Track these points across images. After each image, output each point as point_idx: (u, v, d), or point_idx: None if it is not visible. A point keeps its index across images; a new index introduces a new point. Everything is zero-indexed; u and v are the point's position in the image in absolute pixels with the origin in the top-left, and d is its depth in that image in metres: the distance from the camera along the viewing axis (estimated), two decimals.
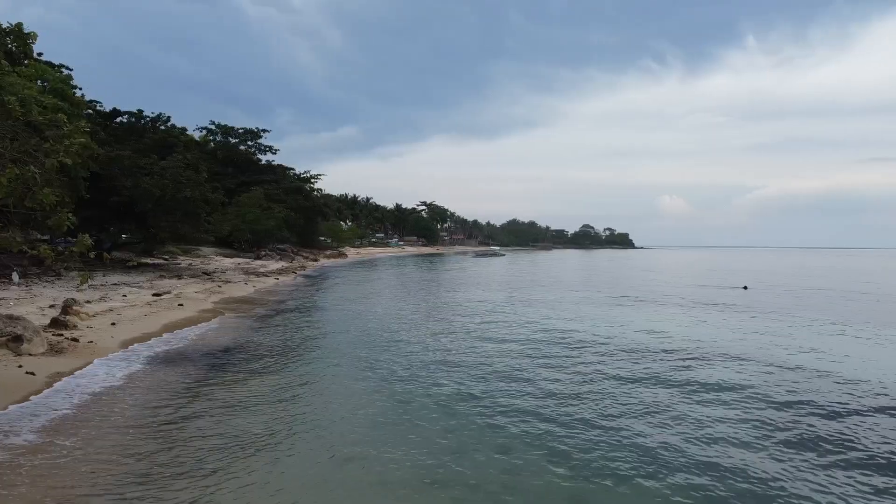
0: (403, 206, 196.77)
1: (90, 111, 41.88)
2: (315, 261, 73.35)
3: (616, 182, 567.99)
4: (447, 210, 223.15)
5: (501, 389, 11.86)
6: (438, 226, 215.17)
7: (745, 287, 40.34)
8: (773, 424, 9.79)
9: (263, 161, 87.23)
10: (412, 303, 29.24)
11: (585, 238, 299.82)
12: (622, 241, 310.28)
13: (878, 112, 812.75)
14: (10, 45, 33.32)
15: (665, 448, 8.61)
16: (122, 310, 19.68)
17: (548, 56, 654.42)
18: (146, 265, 38.35)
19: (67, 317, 16.21)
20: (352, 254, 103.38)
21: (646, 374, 13.37)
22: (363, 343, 17.24)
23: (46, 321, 15.46)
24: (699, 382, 12.58)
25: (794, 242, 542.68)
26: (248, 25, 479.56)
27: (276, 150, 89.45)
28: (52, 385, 10.84)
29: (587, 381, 12.60)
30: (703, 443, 8.86)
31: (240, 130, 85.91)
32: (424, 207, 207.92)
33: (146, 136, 47.26)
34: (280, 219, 65.92)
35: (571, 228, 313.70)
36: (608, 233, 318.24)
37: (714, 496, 7.11)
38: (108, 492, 6.83)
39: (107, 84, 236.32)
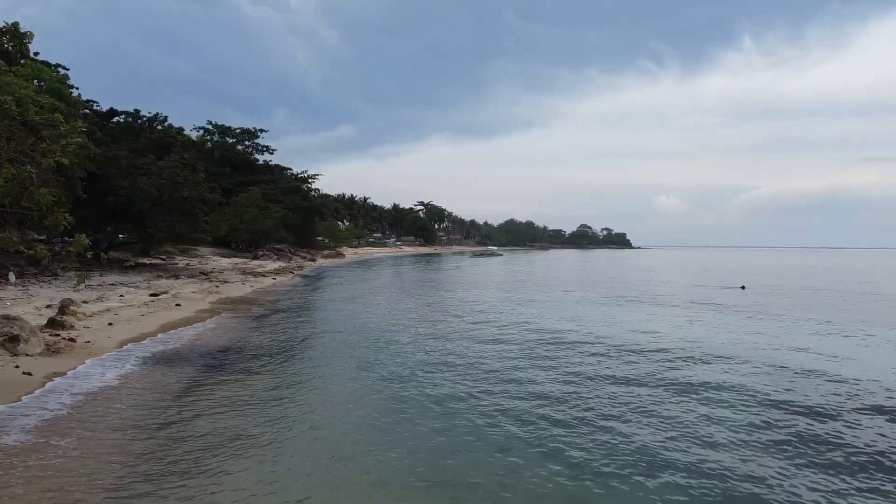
0: (401, 206, 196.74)
1: (87, 111, 41.83)
2: (312, 261, 73.30)
3: (613, 182, 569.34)
4: (445, 210, 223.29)
5: (498, 389, 11.87)
6: (436, 226, 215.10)
7: (743, 287, 40.44)
8: (771, 425, 9.81)
9: (261, 161, 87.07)
10: (409, 302, 29.24)
11: (583, 238, 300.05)
12: (619, 241, 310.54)
13: (875, 112, 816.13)
14: (7, 45, 33.34)
15: (663, 448, 8.62)
16: (120, 310, 19.64)
17: (545, 56, 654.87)
18: (143, 265, 38.28)
19: (64, 317, 16.16)
20: (349, 254, 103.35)
21: (643, 375, 13.39)
22: (361, 343, 17.24)
23: (43, 321, 15.42)
24: (697, 383, 12.61)
25: (791, 242, 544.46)
26: (246, 25, 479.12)
27: (274, 150, 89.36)
28: (49, 385, 10.80)
29: (584, 381, 12.61)
30: (701, 443, 8.88)
31: (237, 130, 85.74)
32: (422, 207, 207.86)
33: (143, 136, 47.16)
34: (277, 219, 65.82)
35: (569, 228, 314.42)
36: (605, 233, 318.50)
37: (712, 496, 7.11)
38: (105, 492, 6.81)
39: (103, 84, 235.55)
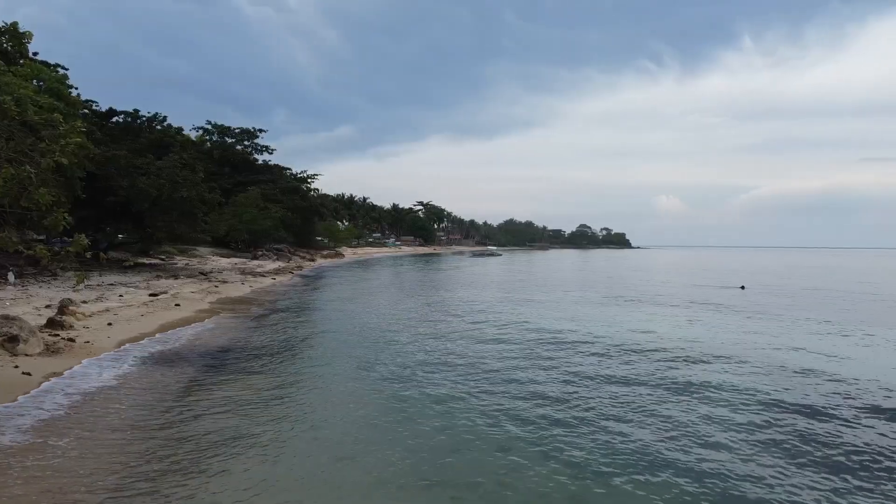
0: (400, 206, 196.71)
1: (86, 111, 41.78)
2: (312, 261, 73.29)
3: (613, 182, 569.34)
4: (444, 210, 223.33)
5: (498, 389, 11.87)
6: (435, 226, 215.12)
7: (743, 287, 40.45)
8: (771, 425, 9.81)
9: (260, 161, 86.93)
10: (408, 302, 29.23)
11: (582, 238, 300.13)
12: (619, 241, 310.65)
13: (875, 112, 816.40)
14: (6, 45, 33.33)
15: (663, 448, 8.62)
16: (119, 310, 19.63)
17: (545, 56, 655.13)
18: (143, 265, 38.26)
19: (64, 317, 16.15)
20: (349, 254, 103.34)
21: (643, 375, 13.38)
22: (360, 342, 17.23)
23: (42, 321, 15.40)
24: (697, 383, 12.61)
25: (791, 242, 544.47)
26: (246, 25, 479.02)
27: (273, 150, 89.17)
28: (48, 385, 10.80)
29: (584, 381, 12.61)
30: (701, 443, 8.87)
31: (236, 130, 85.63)
32: (421, 207, 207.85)
33: (142, 136, 47.12)
34: (277, 219, 65.78)
35: (568, 228, 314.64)
36: (605, 233, 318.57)
37: (712, 496, 7.11)
38: (104, 492, 6.80)
39: (103, 84, 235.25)
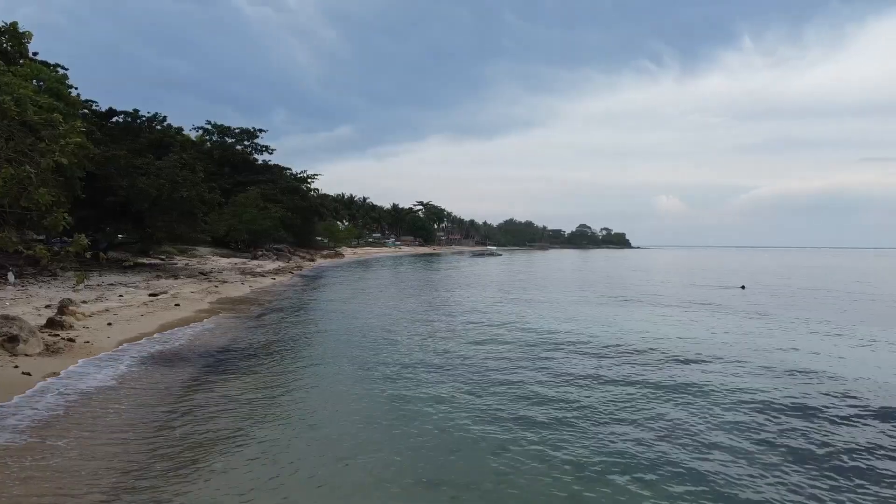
0: (400, 206, 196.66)
1: (86, 111, 41.74)
2: (312, 261, 73.29)
3: (613, 182, 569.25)
4: (444, 210, 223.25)
5: (498, 389, 11.87)
6: (435, 226, 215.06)
7: (743, 287, 40.46)
8: (771, 426, 9.82)
9: (260, 161, 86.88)
10: (408, 302, 29.23)
11: (582, 238, 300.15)
12: (619, 241, 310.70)
13: (874, 112, 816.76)
14: (6, 45, 33.31)
15: (662, 449, 8.62)
16: (119, 310, 19.63)
17: (545, 56, 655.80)
18: (143, 265, 38.26)
19: (63, 317, 16.14)
20: (349, 254, 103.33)
21: (643, 376, 13.38)
22: (360, 343, 17.23)
23: (42, 321, 15.40)
24: (697, 384, 12.61)
25: (790, 242, 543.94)
26: (245, 25, 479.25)
27: (273, 150, 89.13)
28: (48, 385, 10.80)
29: (584, 382, 12.60)
30: (700, 444, 8.88)
31: (236, 130, 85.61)
32: (421, 207, 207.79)
33: (142, 136, 47.11)
34: (277, 219, 65.76)
35: (568, 228, 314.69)
36: (605, 232, 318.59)
37: (712, 496, 7.11)
38: (103, 493, 6.80)
39: (102, 84, 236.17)
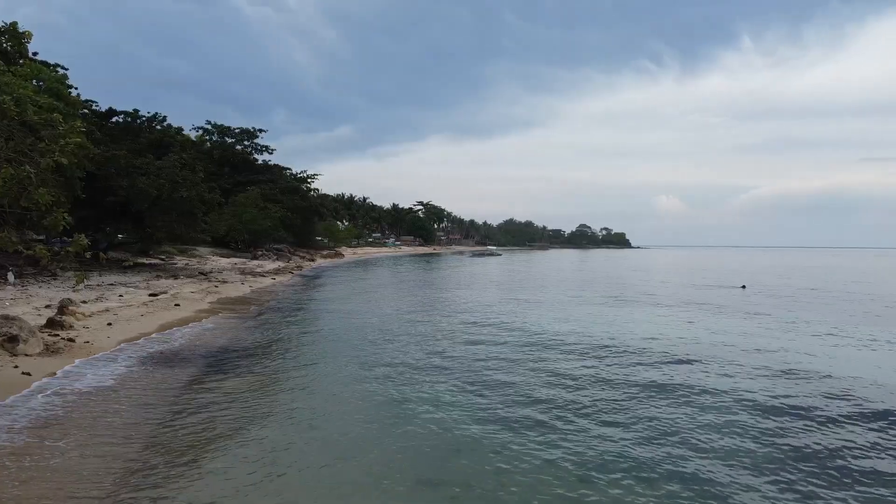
0: (400, 206, 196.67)
1: (86, 111, 41.73)
2: (312, 261, 73.28)
3: (613, 182, 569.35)
4: (444, 210, 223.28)
5: (497, 389, 11.86)
6: (435, 226, 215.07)
7: (744, 286, 40.48)
8: (770, 428, 9.82)
9: (260, 161, 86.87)
10: (408, 302, 29.23)
11: (582, 238, 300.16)
12: (619, 241, 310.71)
13: (874, 112, 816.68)
14: (6, 45, 33.30)
15: (662, 449, 8.62)
16: (119, 310, 19.62)
17: (545, 56, 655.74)
18: (142, 265, 38.26)
19: (63, 317, 16.14)
20: (348, 254, 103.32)
21: (644, 377, 13.37)
22: (359, 343, 17.22)
23: (42, 321, 15.40)
24: (698, 385, 12.60)
25: (790, 242, 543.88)
26: (245, 25, 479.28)
27: (273, 150, 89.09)
28: (47, 385, 10.79)
29: (584, 383, 12.60)
30: (699, 445, 8.88)
31: (236, 130, 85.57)
32: (421, 207, 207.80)
33: (142, 136, 47.11)
34: (277, 219, 65.77)
35: (568, 228, 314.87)
36: (605, 232, 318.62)
37: (712, 496, 7.10)
38: (102, 493, 6.80)
39: (102, 84, 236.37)
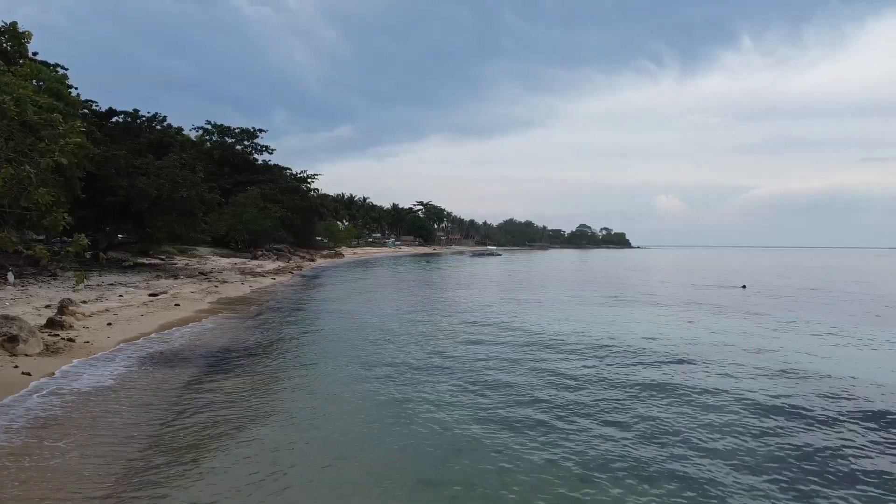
0: (400, 206, 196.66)
1: (86, 111, 41.73)
2: (312, 261, 73.28)
3: (613, 182, 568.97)
4: (444, 210, 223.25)
5: (497, 389, 11.85)
6: (435, 225, 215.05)
7: (744, 286, 40.48)
8: (771, 429, 9.82)
9: (260, 161, 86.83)
10: (408, 302, 29.22)
11: (582, 238, 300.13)
12: (619, 241, 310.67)
13: (874, 112, 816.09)
14: (5, 45, 33.30)
15: (662, 450, 8.62)
16: (119, 310, 19.62)
17: (545, 56, 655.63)
18: (142, 265, 38.25)
19: (63, 317, 16.14)
20: (348, 254, 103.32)
21: (644, 377, 13.36)
22: (359, 343, 17.21)
23: (42, 321, 15.39)
24: (698, 386, 12.59)
25: (790, 242, 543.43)
26: (245, 25, 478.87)
27: (273, 150, 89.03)
28: (47, 385, 10.78)
29: (582, 383, 12.59)
30: (700, 445, 8.88)
31: (236, 130, 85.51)
32: (421, 207, 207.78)
33: (142, 136, 47.11)
34: (277, 219, 65.76)
35: (568, 228, 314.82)
36: (605, 232, 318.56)
37: (710, 498, 7.10)
38: (102, 493, 6.79)
39: (102, 84, 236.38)
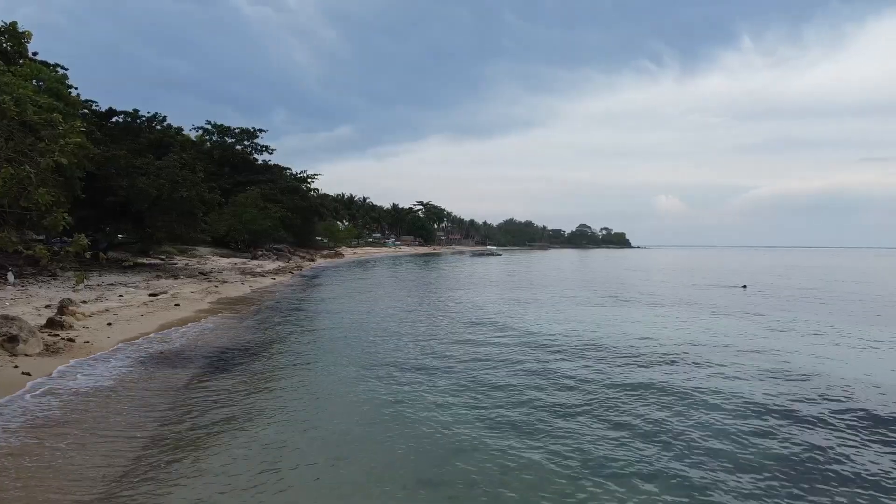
0: (400, 206, 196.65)
1: (86, 111, 41.73)
2: (312, 261, 73.28)
3: (613, 182, 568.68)
4: (444, 210, 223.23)
5: (497, 389, 11.85)
6: (435, 225, 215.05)
7: (745, 286, 40.48)
8: (770, 431, 9.81)
9: (260, 161, 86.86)
10: (407, 302, 29.22)
11: (582, 238, 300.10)
12: (619, 241, 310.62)
13: (874, 112, 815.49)
14: (5, 45, 33.30)
15: (662, 451, 8.62)
16: (119, 310, 19.62)
17: (545, 56, 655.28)
18: (142, 265, 38.25)
19: (63, 317, 16.14)
20: (348, 254, 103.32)
21: (643, 377, 13.35)
22: (360, 343, 17.21)
23: (42, 321, 15.39)
24: (699, 387, 12.57)
25: (790, 242, 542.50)
26: (245, 25, 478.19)
27: (273, 150, 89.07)
28: (46, 384, 10.78)
29: (582, 384, 12.58)
30: (699, 445, 8.88)
31: (236, 130, 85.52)
32: (421, 207, 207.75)
33: (142, 136, 47.12)
34: (277, 219, 65.76)
35: (568, 228, 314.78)
36: (605, 232, 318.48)
37: (710, 499, 7.10)
38: (102, 493, 6.79)
39: (102, 84, 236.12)
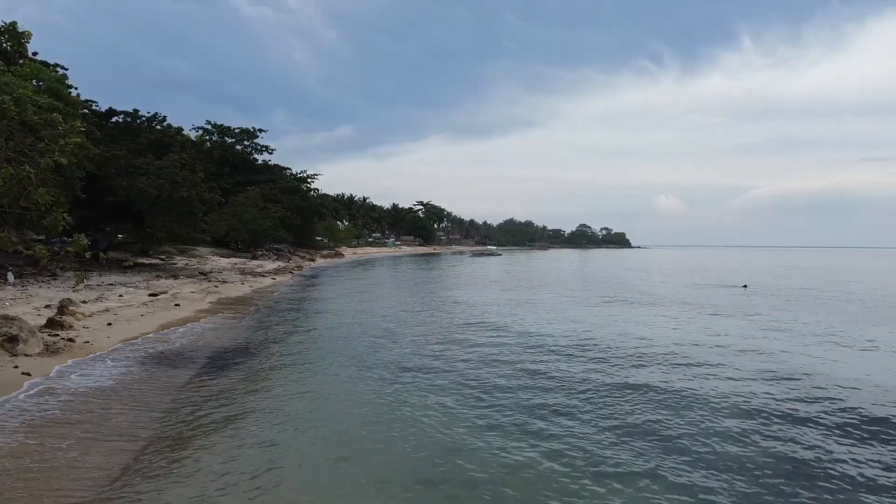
0: (400, 206, 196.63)
1: (85, 111, 41.72)
2: (312, 261, 73.27)
3: (613, 182, 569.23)
4: (444, 210, 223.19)
5: (497, 389, 11.85)
6: (435, 225, 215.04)
7: (745, 286, 40.49)
8: (772, 432, 9.82)
9: (260, 161, 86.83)
10: (407, 302, 29.21)
11: (582, 237, 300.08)
12: (619, 241, 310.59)
13: (874, 112, 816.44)
14: (5, 45, 33.29)
15: (662, 451, 8.62)
16: (119, 310, 19.61)
17: (545, 56, 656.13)
18: (142, 265, 38.24)
19: (63, 317, 16.13)
20: (348, 254, 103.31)
21: (643, 377, 13.35)
22: (360, 343, 17.20)
23: (42, 321, 15.38)
24: (699, 388, 12.57)
25: (790, 242, 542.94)
26: (245, 25, 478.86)
27: (273, 150, 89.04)
28: (46, 384, 10.77)
29: (582, 384, 12.58)
30: (699, 446, 8.88)
31: (236, 130, 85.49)
32: (421, 207, 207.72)
33: (142, 136, 47.11)
34: (277, 219, 65.75)
35: (568, 228, 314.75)
36: (605, 232, 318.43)
37: (710, 497, 7.09)
38: (102, 493, 6.78)
39: (102, 84, 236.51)
